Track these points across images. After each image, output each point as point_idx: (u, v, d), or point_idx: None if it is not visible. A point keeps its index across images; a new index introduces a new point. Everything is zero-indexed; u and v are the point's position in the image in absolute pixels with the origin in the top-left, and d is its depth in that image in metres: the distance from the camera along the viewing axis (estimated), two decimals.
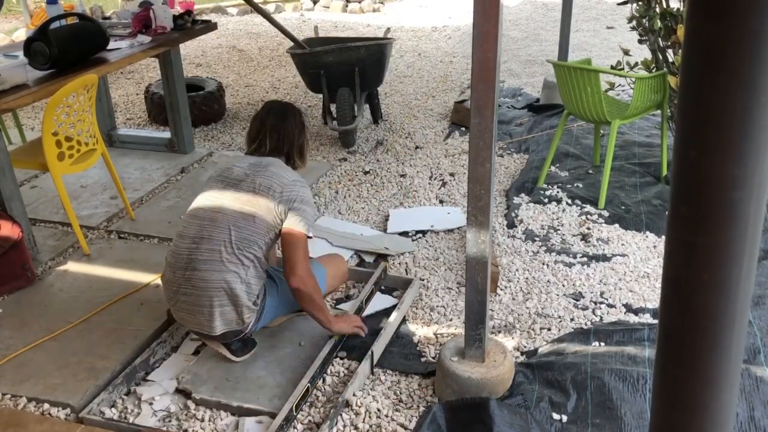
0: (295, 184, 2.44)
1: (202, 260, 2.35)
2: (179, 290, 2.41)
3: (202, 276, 2.35)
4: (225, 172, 2.50)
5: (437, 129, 4.99)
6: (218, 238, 2.36)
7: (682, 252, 0.79)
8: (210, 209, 2.42)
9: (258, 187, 2.39)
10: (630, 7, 4.23)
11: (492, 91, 1.88)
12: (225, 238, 2.36)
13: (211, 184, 2.51)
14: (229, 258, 2.34)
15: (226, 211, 2.39)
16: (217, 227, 2.37)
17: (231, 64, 7.01)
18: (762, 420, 2.14)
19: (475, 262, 2.14)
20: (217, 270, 2.34)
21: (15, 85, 3.05)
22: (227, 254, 2.34)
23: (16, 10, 9.44)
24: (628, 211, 3.61)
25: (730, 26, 0.68)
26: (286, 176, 2.45)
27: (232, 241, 2.35)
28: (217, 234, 2.37)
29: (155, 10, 4.04)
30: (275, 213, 2.38)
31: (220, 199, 2.43)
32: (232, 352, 2.51)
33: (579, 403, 2.25)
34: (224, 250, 2.35)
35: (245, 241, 2.36)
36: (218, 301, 2.34)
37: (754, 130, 0.70)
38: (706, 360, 0.81)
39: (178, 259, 2.41)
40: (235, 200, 2.40)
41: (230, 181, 2.46)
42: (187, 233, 2.43)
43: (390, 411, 2.31)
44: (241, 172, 2.47)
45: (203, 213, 2.43)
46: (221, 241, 2.36)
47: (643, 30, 4.11)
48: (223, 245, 2.35)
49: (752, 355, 2.42)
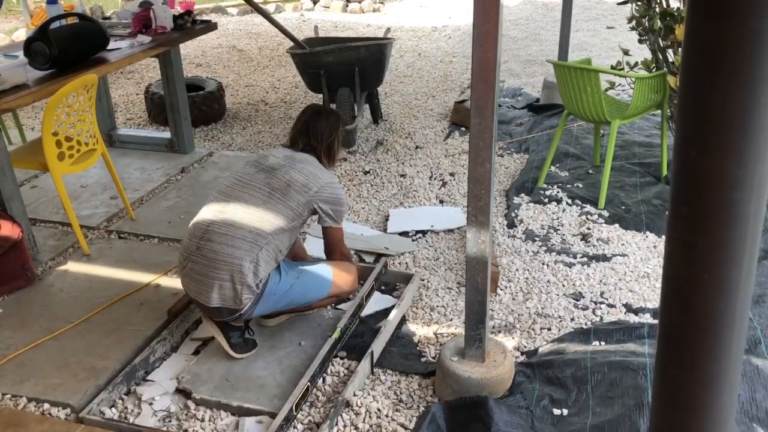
0: (330, 186, 2.55)
1: (218, 233, 2.40)
2: (190, 257, 2.44)
3: (213, 248, 2.38)
4: (261, 159, 2.59)
5: (437, 129, 4.99)
6: (239, 216, 2.42)
7: (682, 252, 0.79)
8: (239, 188, 2.49)
9: (292, 181, 2.47)
10: (630, 7, 4.23)
11: (492, 91, 1.88)
12: (246, 217, 2.41)
13: (245, 168, 2.58)
14: (245, 236, 2.38)
15: (255, 193, 2.46)
16: (237, 207, 2.44)
17: (231, 64, 7.01)
18: (763, 402, 2.15)
19: (475, 262, 2.14)
20: (229, 245, 2.37)
21: (15, 85, 3.05)
22: (244, 232, 2.38)
23: (16, 10, 9.44)
24: (628, 211, 3.61)
25: (730, 26, 0.68)
26: (322, 176, 2.53)
27: (252, 221, 2.40)
28: (239, 212, 2.43)
29: (155, 10, 4.04)
30: (304, 208, 2.48)
31: (251, 181, 2.50)
32: (232, 347, 2.52)
33: (579, 397, 2.26)
34: (242, 229, 2.39)
35: (266, 224, 2.41)
36: (222, 275, 2.36)
37: (754, 130, 0.70)
38: (706, 360, 0.81)
39: (197, 227, 2.47)
40: (265, 185, 2.47)
41: (264, 167, 2.54)
42: (212, 206, 2.50)
43: (390, 411, 2.31)
44: (276, 161, 2.55)
45: (231, 191, 2.50)
46: (241, 219, 2.41)
47: (643, 30, 4.11)
48: (242, 224, 2.40)
49: (753, 345, 2.44)
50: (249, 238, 2.39)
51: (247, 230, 2.39)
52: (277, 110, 5.53)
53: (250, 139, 4.92)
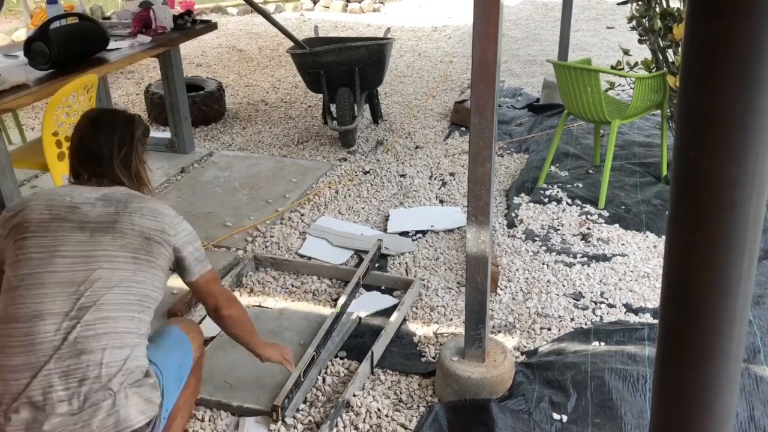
0: (177, 221, 1.88)
1: (89, 337, 1.64)
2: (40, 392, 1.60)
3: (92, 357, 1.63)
4: (69, 214, 1.76)
5: (437, 129, 4.99)
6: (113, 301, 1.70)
7: (682, 252, 0.79)
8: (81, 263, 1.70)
9: (146, 232, 1.78)
10: (630, 7, 4.23)
11: (492, 91, 1.88)
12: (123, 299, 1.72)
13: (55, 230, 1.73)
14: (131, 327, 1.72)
15: (116, 263, 1.73)
16: (104, 288, 1.70)
17: (231, 64, 7.01)
18: (762, 419, 2.14)
19: (475, 262, 2.14)
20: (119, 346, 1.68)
21: (15, 85, 3.05)
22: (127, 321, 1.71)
23: (16, 10, 9.44)
24: (628, 211, 3.61)
25: (730, 26, 0.68)
26: (165, 210, 1.87)
27: (131, 302, 1.73)
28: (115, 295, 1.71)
29: (155, 10, 4.04)
30: (170, 260, 1.85)
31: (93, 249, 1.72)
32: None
33: (579, 403, 2.26)
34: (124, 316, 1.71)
35: (144, 303, 1.77)
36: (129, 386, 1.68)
37: (754, 130, 0.70)
38: (706, 360, 0.81)
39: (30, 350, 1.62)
40: (122, 248, 1.75)
41: (93, 226, 1.75)
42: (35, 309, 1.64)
43: (390, 411, 2.31)
44: (101, 212, 1.78)
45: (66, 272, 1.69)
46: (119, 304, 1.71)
47: (643, 30, 4.11)
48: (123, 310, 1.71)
49: (752, 354, 2.43)
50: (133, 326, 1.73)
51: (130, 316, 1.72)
52: (277, 110, 5.53)
53: (250, 139, 4.92)
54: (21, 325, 1.64)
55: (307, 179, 4.14)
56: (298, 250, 3.36)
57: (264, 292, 3.03)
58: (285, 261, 3.20)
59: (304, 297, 2.98)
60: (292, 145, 4.78)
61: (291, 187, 4.05)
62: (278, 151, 4.67)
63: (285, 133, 5.00)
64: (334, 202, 3.86)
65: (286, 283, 3.09)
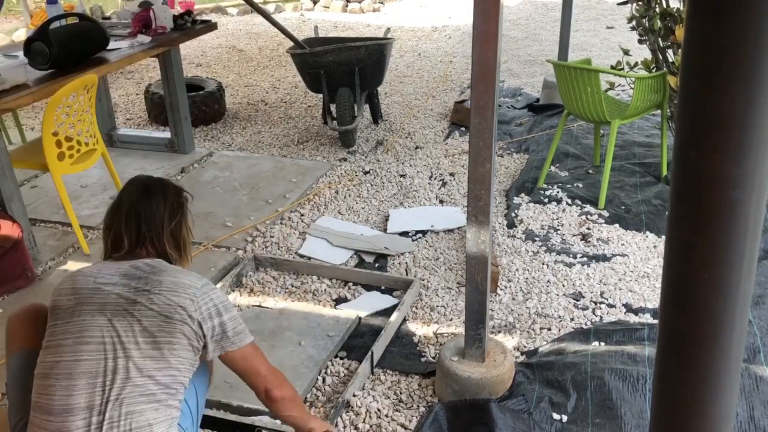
0: (206, 290, 1.75)
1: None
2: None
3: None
4: (92, 297, 1.70)
5: (437, 129, 4.99)
6: (135, 394, 1.62)
7: (682, 252, 0.79)
8: (103, 351, 1.63)
9: (165, 310, 1.67)
10: (630, 7, 4.23)
11: (492, 91, 1.88)
12: (145, 391, 1.63)
13: (79, 315, 1.68)
14: (158, 418, 1.64)
15: (133, 352, 1.64)
16: (127, 379, 1.62)
17: (231, 64, 7.01)
18: (762, 420, 2.14)
19: (475, 262, 2.14)
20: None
21: (15, 85, 3.05)
22: (152, 413, 1.64)
23: (16, 10, 9.44)
24: (628, 211, 3.61)
25: (730, 26, 0.68)
26: (189, 281, 1.74)
27: (153, 392, 1.64)
28: (136, 387, 1.62)
29: (155, 10, 4.04)
30: (198, 335, 1.71)
31: (113, 336, 1.64)
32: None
33: (579, 403, 2.26)
34: (148, 408, 1.63)
35: (170, 388, 1.67)
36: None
37: (754, 130, 0.70)
38: (706, 360, 0.81)
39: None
40: (140, 334, 1.65)
41: (112, 309, 1.67)
42: (66, 403, 1.60)
43: (390, 411, 2.31)
44: (121, 291, 1.70)
45: (89, 361, 1.63)
46: (142, 396, 1.63)
47: (643, 30, 4.11)
48: (146, 402, 1.63)
49: (752, 354, 2.43)
50: (161, 415, 1.65)
51: (155, 406, 1.65)
52: (277, 110, 5.53)
53: (250, 139, 4.92)
54: (53, 418, 1.61)
55: (307, 179, 4.14)
56: (298, 250, 3.36)
57: (264, 292, 3.03)
58: (285, 261, 3.20)
59: (304, 297, 2.98)
60: (292, 145, 4.78)
61: (291, 187, 4.05)
62: (278, 151, 4.67)
63: (285, 133, 5.00)
64: (334, 202, 3.86)
65: (286, 283, 3.09)
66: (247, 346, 1.81)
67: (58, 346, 1.66)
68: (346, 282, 3.09)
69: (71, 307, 1.70)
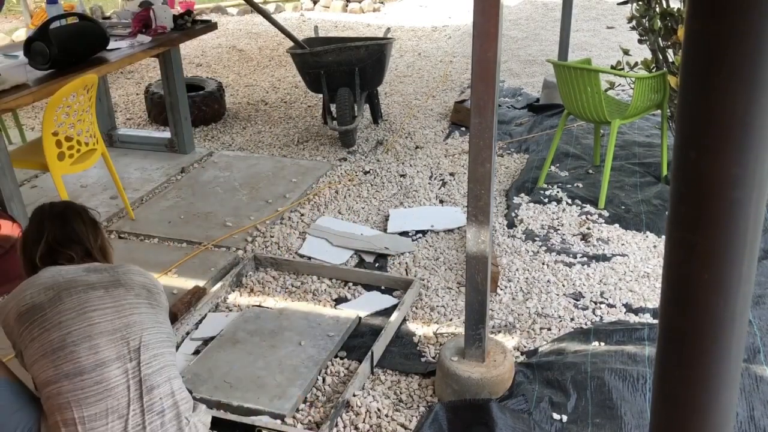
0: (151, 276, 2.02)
1: (152, 373, 1.77)
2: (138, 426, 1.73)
3: (162, 390, 1.78)
4: (71, 283, 1.80)
5: (437, 129, 4.99)
6: (155, 340, 1.82)
7: (682, 252, 0.79)
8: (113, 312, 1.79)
9: (143, 284, 1.90)
10: (630, 7, 4.23)
11: (492, 91, 1.88)
12: (159, 338, 1.84)
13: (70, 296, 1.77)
14: (173, 360, 1.88)
15: (139, 309, 1.83)
16: (142, 330, 1.81)
17: (231, 64, 7.01)
18: (762, 420, 2.14)
19: (475, 262, 2.14)
20: (176, 376, 1.86)
21: (15, 85, 3.05)
22: (169, 356, 1.86)
23: (16, 10, 9.44)
24: (628, 211, 3.61)
25: (730, 26, 0.68)
26: (142, 270, 1.99)
27: (164, 339, 1.86)
28: (152, 335, 1.82)
29: (155, 10, 4.04)
30: (166, 304, 1.97)
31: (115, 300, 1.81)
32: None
33: (579, 403, 2.26)
34: (166, 351, 1.85)
35: (171, 336, 1.92)
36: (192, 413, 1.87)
37: (754, 130, 0.70)
38: (706, 360, 0.81)
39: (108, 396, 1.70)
40: (137, 297, 1.86)
41: (102, 285, 1.82)
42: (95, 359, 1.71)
43: (390, 411, 2.31)
44: (97, 276, 1.85)
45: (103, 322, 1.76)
46: (159, 342, 1.83)
47: (643, 30, 4.11)
48: (163, 345, 1.84)
49: (752, 354, 2.43)
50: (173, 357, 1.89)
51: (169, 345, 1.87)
52: (277, 110, 5.53)
53: (250, 139, 4.92)
54: (88, 375, 1.69)
55: (307, 179, 4.14)
56: (298, 250, 3.36)
57: (264, 292, 3.03)
58: (285, 261, 3.20)
59: (304, 297, 2.98)
60: (292, 145, 4.78)
61: (291, 187, 4.05)
62: (278, 151, 4.67)
63: (285, 133, 5.00)
64: (334, 202, 3.86)
65: (286, 283, 3.09)
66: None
67: (59, 323, 1.73)
68: (346, 282, 3.09)
69: (53, 297, 1.77)
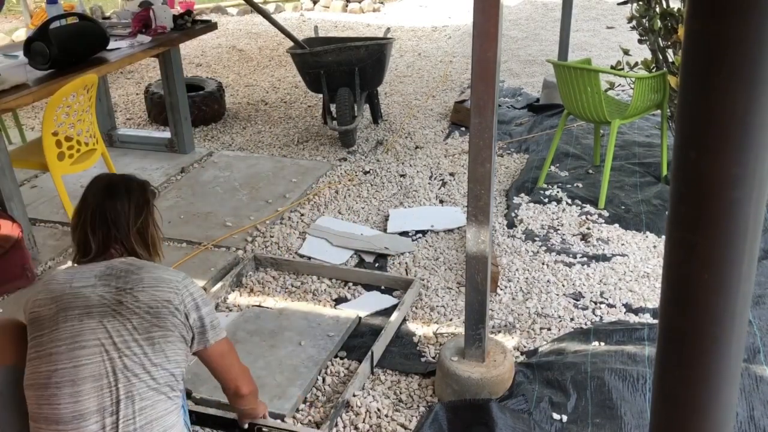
0: (186, 283, 1.76)
1: (135, 430, 1.61)
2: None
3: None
4: (73, 301, 1.66)
5: (437, 129, 4.99)
6: (143, 389, 1.63)
7: (682, 252, 0.79)
8: (101, 353, 1.61)
9: (152, 305, 1.67)
10: (630, 7, 4.23)
11: (492, 91, 1.88)
12: (152, 385, 1.64)
13: (64, 321, 1.64)
14: (168, 408, 1.68)
15: (132, 349, 1.63)
16: (132, 376, 1.62)
17: (231, 64, 7.01)
18: (762, 420, 2.14)
19: (475, 262, 2.14)
20: (168, 426, 1.68)
21: (15, 85, 3.05)
22: (163, 404, 1.66)
23: (16, 10, 9.44)
24: (628, 211, 3.61)
25: (730, 26, 0.68)
26: (169, 276, 1.74)
27: (160, 384, 1.65)
28: (142, 381, 1.63)
29: (155, 10, 4.04)
30: (186, 326, 1.72)
31: (107, 337, 1.63)
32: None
33: (579, 403, 2.26)
34: (159, 400, 1.65)
35: (172, 378, 1.69)
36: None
37: (754, 130, 0.70)
38: (706, 359, 0.81)
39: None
40: (133, 331, 1.64)
41: (99, 311, 1.65)
42: (74, 409, 1.59)
43: (390, 411, 2.31)
44: (103, 293, 1.67)
45: (90, 365, 1.61)
46: (150, 390, 1.64)
47: (643, 30, 4.11)
48: (156, 394, 1.65)
49: (752, 354, 2.43)
50: (171, 406, 1.68)
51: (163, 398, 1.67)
52: (277, 110, 5.53)
53: (250, 139, 4.92)
54: (63, 427, 1.59)
55: (307, 179, 4.14)
56: (298, 250, 3.36)
57: (264, 292, 3.03)
58: (285, 261, 3.20)
59: (304, 297, 2.98)
60: (292, 145, 4.78)
61: (291, 187, 4.05)
62: (278, 151, 4.67)
63: (285, 133, 5.00)
64: (334, 202, 3.86)
65: (286, 283, 3.09)
66: (223, 342, 1.81)
67: (50, 355, 1.62)
68: (346, 282, 3.09)
69: (53, 316, 1.65)
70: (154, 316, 1.66)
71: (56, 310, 1.66)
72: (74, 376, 1.60)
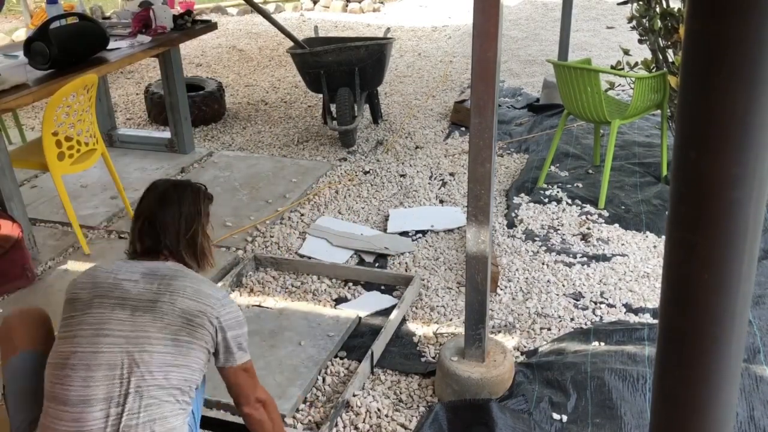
0: (225, 302, 1.77)
1: (136, 425, 1.61)
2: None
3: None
4: (111, 291, 1.71)
5: (437, 129, 4.99)
6: (155, 387, 1.64)
7: (682, 252, 0.79)
8: (124, 343, 1.65)
9: (186, 312, 1.69)
10: (630, 7, 4.23)
11: (492, 91, 1.88)
12: (165, 384, 1.65)
13: (97, 308, 1.68)
14: (175, 410, 1.67)
15: (156, 347, 1.65)
16: (146, 372, 1.63)
17: (231, 64, 7.01)
18: (762, 420, 2.14)
19: (475, 262, 2.14)
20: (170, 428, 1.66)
21: (15, 85, 3.05)
22: (171, 405, 1.66)
23: (16, 10, 9.44)
24: (628, 211, 3.61)
25: (730, 26, 0.68)
26: (210, 291, 1.76)
27: (173, 386, 1.66)
28: (148, 382, 1.63)
29: (155, 10, 4.04)
30: (214, 341, 1.74)
31: (134, 330, 1.66)
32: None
33: (579, 403, 2.26)
34: (168, 401, 1.65)
35: (186, 385, 1.69)
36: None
37: (754, 130, 0.70)
38: (706, 359, 0.81)
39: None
40: (162, 330, 1.67)
41: (133, 304, 1.69)
42: (83, 393, 1.61)
43: (390, 411, 2.31)
44: (143, 290, 1.71)
45: (108, 353, 1.64)
46: (162, 389, 1.64)
47: (643, 30, 4.11)
48: (166, 395, 1.65)
49: (752, 354, 2.43)
50: (177, 410, 1.68)
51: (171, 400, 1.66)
52: (277, 110, 5.53)
53: (250, 139, 4.92)
54: (70, 409, 1.61)
55: (307, 179, 4.14)
56: (298, 250, 3.36)
57: (264, 292, 3.03)
58: (285, 261, 3.20)
59: (304, 297, 2.98)
60: (292, 145, 4.78)
61: (291, 187, 4.05)
62: (278, 151, 4.67)
63: (285, 133, 5.00)
64: (334, 202, 3.86)
65: (286, 282, 3.09)
66: (246, 364, 1.82)
67: (75, 337, 1.66)
68: (346, 282, 3.09)
69: (89, 300, 1.70)
70: (185, 321, 1.69)
71: (93, 295, 1.71)
72: (90, 361, 1.63)
